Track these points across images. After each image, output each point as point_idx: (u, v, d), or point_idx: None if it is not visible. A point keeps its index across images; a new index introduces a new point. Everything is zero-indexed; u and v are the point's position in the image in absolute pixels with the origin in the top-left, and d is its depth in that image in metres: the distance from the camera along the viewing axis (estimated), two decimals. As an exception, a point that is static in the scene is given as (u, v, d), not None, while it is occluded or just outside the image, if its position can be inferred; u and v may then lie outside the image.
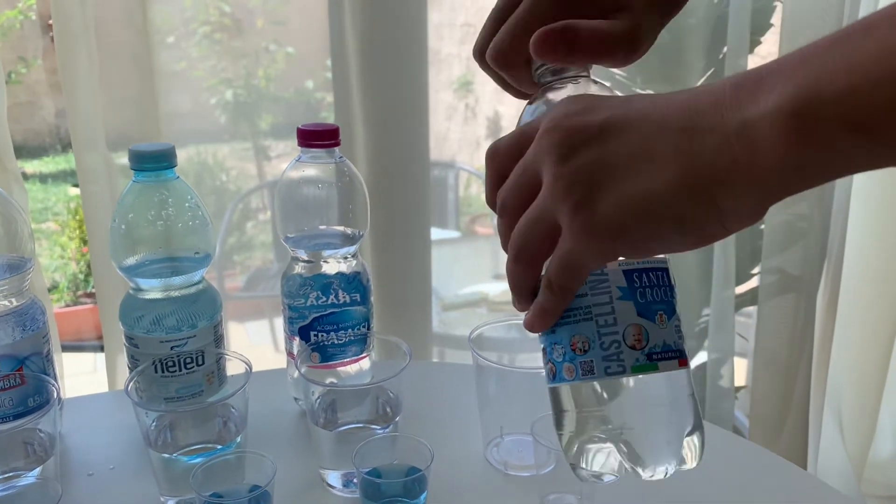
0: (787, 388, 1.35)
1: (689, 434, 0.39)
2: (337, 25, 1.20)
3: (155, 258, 0.67)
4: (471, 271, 2.15)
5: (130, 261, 0.66)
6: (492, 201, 0.40)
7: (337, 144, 0.69)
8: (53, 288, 2.83)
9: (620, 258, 0.38)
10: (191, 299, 0.68)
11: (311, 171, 0.70)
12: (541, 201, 0.36)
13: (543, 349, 0.41)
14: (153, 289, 0.67)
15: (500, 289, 1.94)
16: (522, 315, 0.42)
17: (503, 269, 0.42)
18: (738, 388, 1.40)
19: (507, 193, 0.38)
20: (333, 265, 0.71)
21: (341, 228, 0.72)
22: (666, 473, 0.39)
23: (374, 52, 1.20)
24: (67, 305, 2.77)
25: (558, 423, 0.41)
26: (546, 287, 0.38)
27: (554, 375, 0.40)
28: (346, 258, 0.72)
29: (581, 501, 0.62)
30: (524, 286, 0.39)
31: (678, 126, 0.32)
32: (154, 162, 0.64)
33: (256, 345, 2.30)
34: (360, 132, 1.23)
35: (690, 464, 0.39)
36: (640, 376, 0.38)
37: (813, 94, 0.28)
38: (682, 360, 0.39)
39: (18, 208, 0.65)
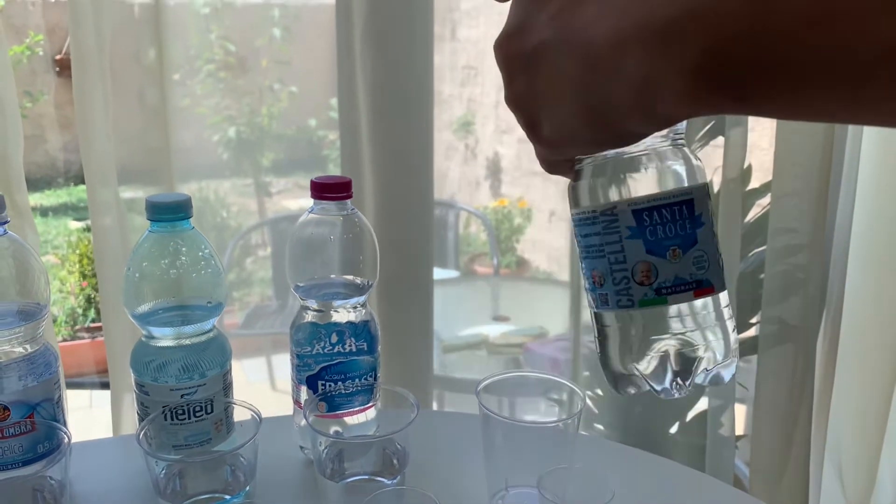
0: (787, 438, 1.35)
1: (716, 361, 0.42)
2: (346, 67, 1.22)
3: (167, 306, 0.67)
4: (471, 312, 2.16)
5: (143, 308, 0.67)
6: None
7: (349, 197, 0.70)
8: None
9: (631, 197, 0.40)
10: (201, 347, 0.68)
11: (323, 223, 0.71)
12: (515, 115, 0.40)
13: (583, 276, 0.45)
14: (165, 337, 0.67)
15: (500, 331, 1.94)
16: (528, 371, 0.45)
17: (503, 310, 0.45)
18: (739, 437, 1.40)
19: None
20: (343, 314, 0.72)
21: (351, 278, 0.73)
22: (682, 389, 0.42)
23: (381, 93, 1.22)
24: (65, 340, 2.77)
25: (598, 344, 0.44)
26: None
27: (590, 303, 0.44)
28: (355, 307, 0.73)
29: (586, 556, 0.62)
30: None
31: (584, 61, 0.34)
32: (170, 213, 0.65)
33: (253, 383, 2.29)
34: (367, 172, 1.25)
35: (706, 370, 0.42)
36: (645, 309, 0.41)
37: (708, 67, 0.30)
38: (700, 291, 0.41)
39: (35, 254, 0.66)
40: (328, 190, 0.69)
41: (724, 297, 0.43)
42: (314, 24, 1.91)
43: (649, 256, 0.40)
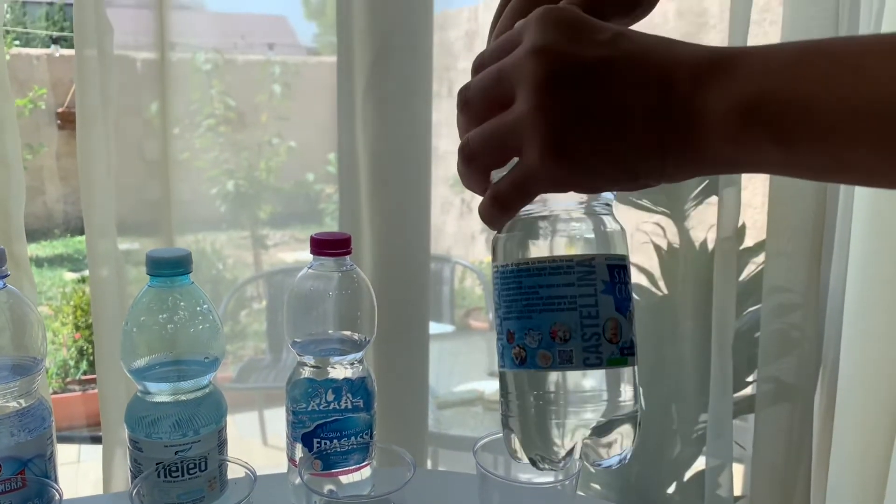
0: (785, 498, 1.33)
1: (626, 422, 0.41)
2: (347, 123, 1.24)
3: (164, 361, 0.67)
4: (466, 367, 2.15)
5: (140, 363, 0.67)
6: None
7: (348, 253, 0.71)
8: (42, 374, 2.79)
9: (606, 253, 0.40)
10: (196, 403, 0.68)
11: (321, 279, 0.72)
12: (512, 121, 0.36)
13: (509, 333, 0.41)
14: (161, 392, 0.67)
15: (496, 387, 1.93)
16: None
17: (498, 366, 0.43)
18: (738, 498, 1.38)
19: (475, 92, 0.39)
20: (340, 371, 0.72)
21: (349, 334, 0.73)
22: (620, 457, 0.41)
23: (381, 149, 1.24)
24: (55, 392, 2.73)
25: (515, 408, 0.41)
26: (492, 199, 0.39)
27: (522, 361, 0.40)
28: (352, 364, 0.73)
29: None
30: (473, 187, 0.40)
31: (656, 88, 0.34)
32: (170, 268, 0.65)
33: (245, 437, 2.26)
34: (365, 226, 1.26)
35: (622, 449, 0.41)
36: (612, 369, 0.39)
37: (756, 106, 0.32)
38: (636, 358, 0.41)
39: (33, 308, 0.66)
40: (328, 246, 0.70)
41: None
42: (314, 80, 1.94)
43: (617, 314, 0.40)
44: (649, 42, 0.36)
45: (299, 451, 0.72)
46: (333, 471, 0.70)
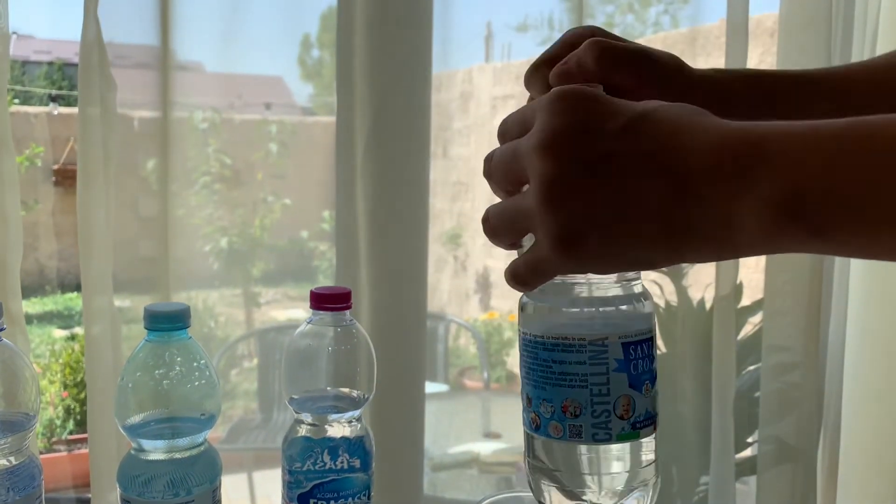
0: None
1: (646, 485, 0.43)
2: (345, 181, 1.25)
3: (160, 418, 0.66)
4: (461, 428, 2.12)
5: (135, 419, 0.65)
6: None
7: (348, 308, 0.70)
8: (28, 433, 2.73)
9: (622, 332, 0.40)
10: (191, 461, 0.66)
11: (320, 334, 0.71)
12: (525, 209, 0.37)
13: (528, 398, 0.42)
14: (156, 450, 0.65)
15: (492, 448, 1.90)
16: (525, 491, 0.44)
17: (494, 427, 0.44)
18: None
19: (495, 165, 0.40)
20: (338, 429, 0.71)
21: (347, 391, 0.72)
22: None
23: (380, 208, 1.24)
24: (41, 452, 2.67)
25: (534, 469, 0.43)
26: (511, 275, 0.40)
27: (537, 427, 0.42)
28: (350, 422, 0.71)
29: None
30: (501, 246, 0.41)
31: (673, 182, 0.34)
32: (168, 322, 0.64)
33: (234, 501, 2.21)
34: (364, 284, 1.25)
35: None
36: (621, 444, 0.41)
37: (793, 203, 0.31)
38: (656, 424, 0.42)
39: (27, 362, 0.65)
40: (327, 301, 0.69)
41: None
42: (309, 139, 1.96)
43: (630, 391, 0.40)
44: (665, 128, 0.35)
45: (295, 512, 0.69)
46: (330, 533, 0.68)
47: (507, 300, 3.26)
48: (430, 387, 2.22)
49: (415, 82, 1.25)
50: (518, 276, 0.40)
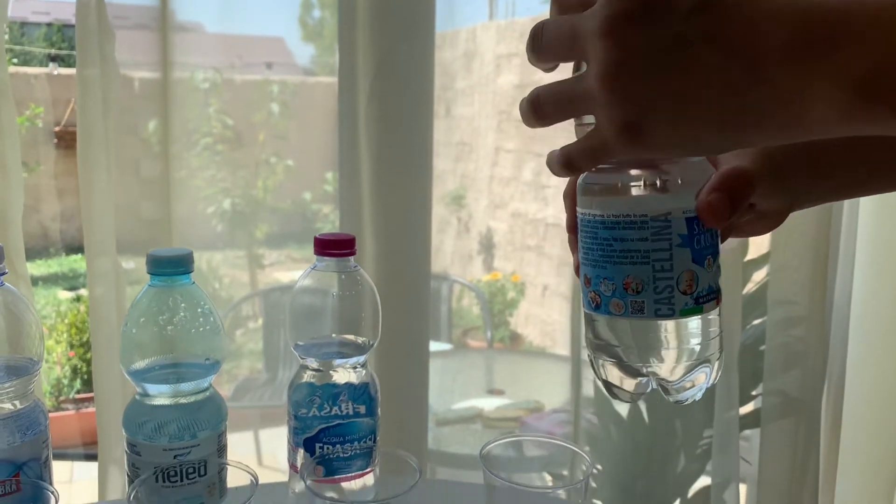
0: (791, 515, 1.31)
1: (710, 362, 0.42)
2: (348, 141, 1.24)
3: (164, 363, 0.66)
4: (464, 385, 2.13)
5: (139, 365, 0.65)
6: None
7: (353, 254, 0.70)
8: (36, 392, 2.76)
9: (685, 207, 0.39)
10: (196, 406, 0.66)
11: (325, 280, 0.70)
12: (585, 92, 0.35)
13: (587, 277, 0.42)
14: (161, 395, 0.65)
15: (495, 404, 1.91)
16: (530, 434, 0.43)
17: (497, 384, 0.44)
18: (743, 514, 1.36)
19: (548, 40, 0.38)
20: (343, 375, 0.70)
21: (352, 337, 0.72)
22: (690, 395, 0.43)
23: (383, 167, 1.23)
24: (49, 411, 2.70)
25: (595, 347, 0.43)
26: (565, 160, 0.38)
27: (597, 305, 0.41)
28: (355, 368, 0.71)
29: None
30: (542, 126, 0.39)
31: (747, 63, 0.32)
32: (171, 267, 0.64)
33: (239, 457, 2.22)
34: (368, 243, 1.25)
35: (707, 382, 0.43)
36: (684, 319, 0.40)
37: (876, 79, 0.30)
38: (719, 299, 0.41)
39: (30, 307, 0.65)
40: (332, 246, 0.69)
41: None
42: (311, 100, 1.94)
43: (694, 266, 0.40)
44: (736, 8, 0.33)
45: (301, 457, 0.70)
46: (336, 477, 0.68)
47: (510, 261, 3.26)
48: (434, 346, 2.23)
49: (417, 41, 1.23)
50: (572, 162, 0.39)
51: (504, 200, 3.19)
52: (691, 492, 1.39)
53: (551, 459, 0.75)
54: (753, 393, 1.36)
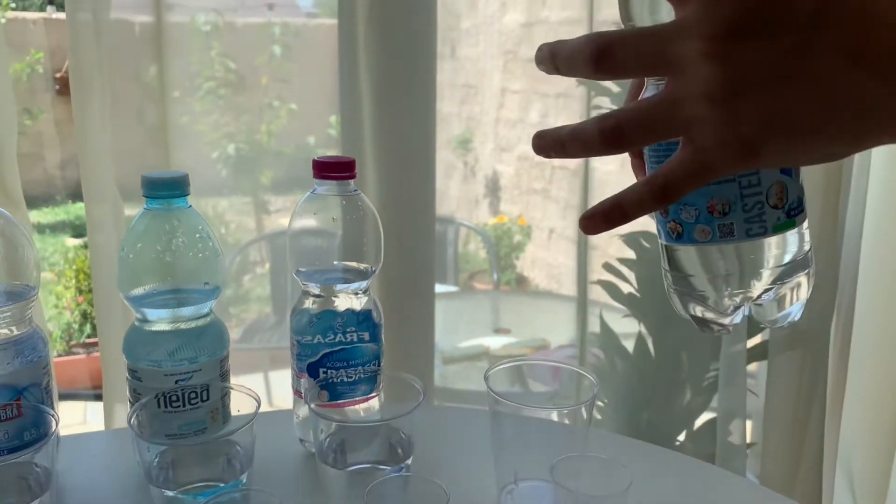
0: (797, 447, 1.32)
1: (807, 277, 0.40)
2: (349, 84, 1.21)
3: (163, 289, 0.65)
4: (471, 325, 2.13)
5: (138, 291, 0.64)
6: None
7: (353, 177, 0.68)
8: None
9: None
10: (197, 332, 0.65)
11: (325, 204, 0.69)
12: (686, 112, 0.32)
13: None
14: (160, 320, 0.64)
15: (501, 342, 1.91)
16: (536, 358, 0.41)
17: (503, 323, 0.41)
18: (749, 446, 1.36)
19: (628, 57, 0.33)
20: (345, 300, 0.70)
21: (354, 264, 0.71)
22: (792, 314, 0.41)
23: (384, 110, 1.21)
24: (59, 355, 2.73)
25: (679, 283, 0.40)
26: (661, 188, 0.34)
27: (679, 235, 0.38)
28: (357, 294, 0.70)
29: (602, 550, 0.59)
30: (584, 155, 0.36)
31: (866, 72, 0.30)
32: (167, 189, 0.63)
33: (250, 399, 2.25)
34: (371, 187, 1.23)
35: (792, 308, 0.41)
36: (778, 236, 0.37)
37: None
38: (806, 211, 0.39)
39: (25, 233, 0.64)
40: (331, 169, 0.67)
41: None
42: (314, 42, 1.90)
43: (782, 176, 0.37)
44: (849, 12, 0.30)
45: (305, 382, 0.69)
46: (340, 401, 0.68)
47: (517, 205, 3.24)
48: (440, 288, 2.23)
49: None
50: (672, 189, 0.34)
51: (510, 143, 3.15)
52: (697, 424, 1.40)
53: (556, 394, 0.75)
54: (761, 325, 1.35)
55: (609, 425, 1.41)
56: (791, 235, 0.38)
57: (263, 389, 2.28)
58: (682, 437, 1.40)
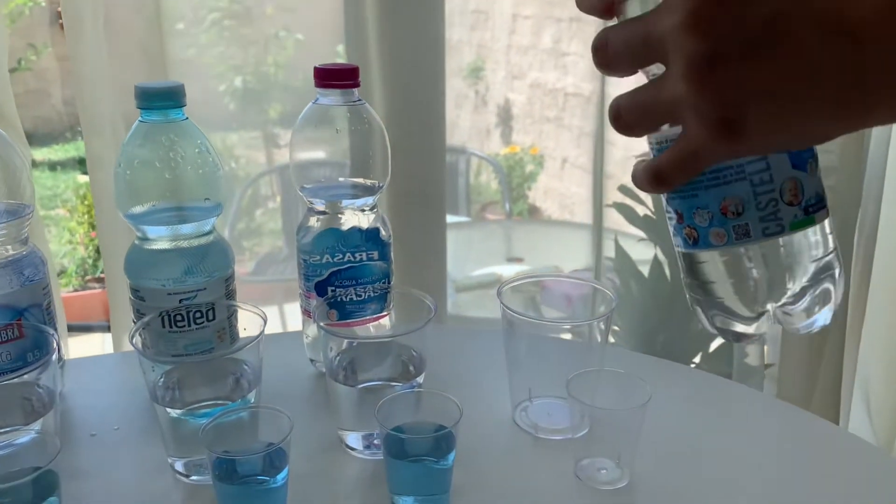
0: (814, 367, 1.30)
1: (833, 279, 0.37)
2: (353, 13, 1.16)
3: (163, 206, 0.62)
4: (483, 254, 2.11)
5: (137, 209, 0.62)
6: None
7: (356, 85, 0.65)
8: (62, 273, 2.80)
9: None
10: (201, 251, 0.63)
11: (329, 115, 0.66)
12: (671, 99, 0.32)
13: (678, 213, 0.37)
14: (161, 238, 0.62)
15: (514, 270, 1.89)
16: (551, 274, 0.39)
17: (516, 252, 0.39)
18: (766, 366, 1.35)
19: (619, 53, 0.34)
20: (351, 217, 0.67)
21: (360, 179, 0.68)
22: (819, 322, 0.38)
23: (391, 39, 1.16)
24: (76, 290, 2.75)
25: (700, 291, 0.38)
26: (654, 176, 0.35)
27: (695, 241, 0.37)
28: (363, 210, 0.68)
29: (619, 465, 0.58)
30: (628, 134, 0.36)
31: (848, 39, 0.29)
32: (162, 100, 0.60)
33: (266, 331, 2.26)
34: (379, 118, 1.20)
35: (820, 312, 0.38)
36: (797, 233, 0.35)
37: None
38: (827, 209, 0.37)
39: (19, 153, 0.61)
40: (334, 77, 0.64)
41: None
42: (319, -31, 1.84)
43: (795, 172, 0.35)
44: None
45: (314, 301, 0.67)
46: (350, 320, 0.66)
47: (529, 134, 3.18)
48: (452, 219, 2.20)
49: None
50: (664, 177, 0.34)
51: (522, 70, 3.07)
52: (713, 346, 1.38)
53: (577, 289, 0.73)
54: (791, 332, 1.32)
55: (624, 348, 1.40)
56: (812, 234, 0.36)
57: (279, 321, 2.29)
58: (697, 359, 1.39)
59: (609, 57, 0.34)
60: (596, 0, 0.36)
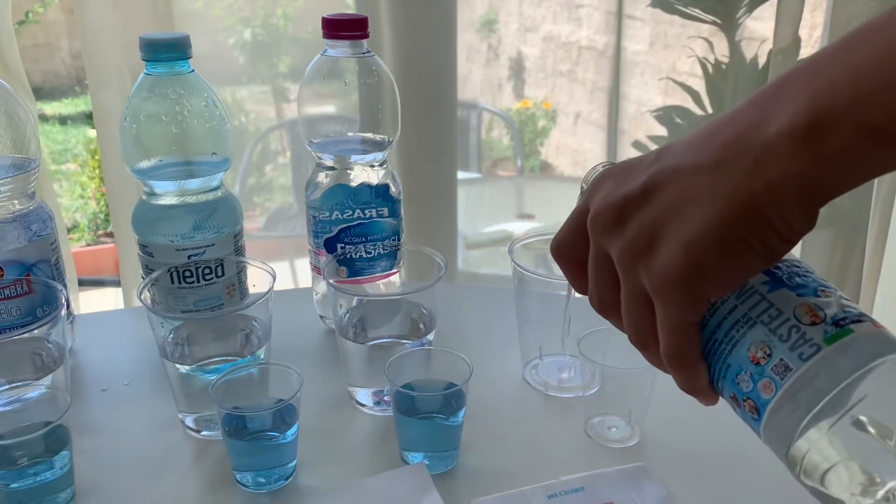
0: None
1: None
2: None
3: (170, 161, 0.61)
4: (494, 211, 2.09)
5: (143, 163, 0.61)
6: (583, 289, 0.40)
7: (365, 36, 0.63)
8: (74, 227, 2.81)
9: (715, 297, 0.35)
10: (209, 206, 0.63)
11: (337, 67, 0.64)
12: (623, 283, 0.36)
13: (733, 397, 0.35)
14: (168, 193, 0.62)
15: (525, 227, 1.88)
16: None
17: (527, 209, 0.39)
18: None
19: (598, 295, 0.38)
20: (361, 173, 0.66)
21: (370, 134, 0.67)
22: None
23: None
24: (88, 244, 2.76)
25: (797, 467, 0.34)
26: (669, 367, 0.37)
27: (757, 411, 0.34)
28: (373, 166, 0.66)
29: (630, 424, 0.58)
30: (660, 364, 0.38)
31: (710, 164, 0.32)
32: (167, 51, 0.58)
33: (276, 287, 2.26)
34: (390, 72, 1.18)
35: None
36: (837, 344, 0.32)
37: (823, 106, 0.28)
38: (876, 323, 0.33)
39: (24, 107, 0.60)
40: (342, 27, 0.62)
41: None
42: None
43: (803, 299, 0.33)
44: (689, 136, 0.34)
45: (324, 260, 0.67)
46: (360, 277, 0.66)
47: (542, 88, 3.13)
48: (463, 175, 2.18)
49: None
50: (672, 359, 0.36)
51: (535, 23, 3.02)
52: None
53: None
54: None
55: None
56: (863, 344, 0.32)
57: (290, 277, 2.29)
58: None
59: (557, 254, 0.40)
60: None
